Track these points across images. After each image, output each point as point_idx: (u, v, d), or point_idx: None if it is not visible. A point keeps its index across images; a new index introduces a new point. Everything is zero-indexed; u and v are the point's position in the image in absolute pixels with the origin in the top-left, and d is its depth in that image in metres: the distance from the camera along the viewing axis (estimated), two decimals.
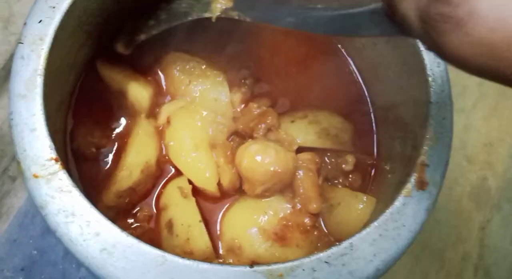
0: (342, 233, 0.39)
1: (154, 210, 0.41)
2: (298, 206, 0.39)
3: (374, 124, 0.45)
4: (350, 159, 0.41)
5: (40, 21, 0.33)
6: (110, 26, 0.41)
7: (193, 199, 0.39)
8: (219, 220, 0.41)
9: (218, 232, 0.40)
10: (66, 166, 0.30)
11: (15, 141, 0.30)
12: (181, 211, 0.39)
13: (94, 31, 0.41)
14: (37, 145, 0.30)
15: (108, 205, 0.38)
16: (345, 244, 0.30)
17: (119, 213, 0.39)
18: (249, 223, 0.39)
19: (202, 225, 0.38)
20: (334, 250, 0.30)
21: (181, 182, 0.40)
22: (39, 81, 0.31)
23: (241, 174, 0.39)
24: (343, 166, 0.42)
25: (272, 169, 0.38)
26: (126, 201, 0.39)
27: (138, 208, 0.40)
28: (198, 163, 0.40)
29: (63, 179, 0.29)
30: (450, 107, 0.35)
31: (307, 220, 0.39)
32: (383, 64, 0.42)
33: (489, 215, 0.54)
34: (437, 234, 0.52)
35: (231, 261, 0.39)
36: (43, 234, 0.46)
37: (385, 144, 0.43)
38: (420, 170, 0.33)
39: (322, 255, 0.29)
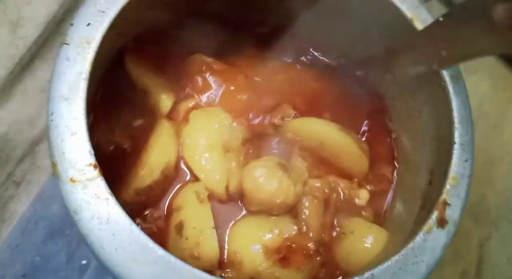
0: (349, 262, 0.40)
1: (165, 212, 0.41)
2: (304, 229, 0.40)
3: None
4: (364, 194, 0.42)
5: (89, 24, 0.33)
6: (139, 25, 0.42)
7: (209, 205, 0.39)
8: (227, 231, 0.41)
9: (225, 243, 0.41)
10: (104, 173, 0.30)
11: (52, 143, 0.30)
12: (194, 214, 0.39)
13: (125, 32, 0.41)
14: (76, 149, 0.30)
15: (126, 201, 0.38)
16: (367, 275, 0.31)
17: (132, 210, 0.39)
18: (253, 239, 0.39)
19: (214, 231, 0.38)
20: None
21: (198, 187, 0.41)
22: (83, 84, 0.31)
23: (242, 188, 0.40)
24: (356, 200, 0.43)
25: (269, 197, 0.38)
26: (143, 199, 0.39)
27: (149, 210, 0.41)
28: (210, 164, 0.41)
29: (100, 186, 0.29)
30: (472, 149, 0.37)
31: (311, 245, 0.39)
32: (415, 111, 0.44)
33: (488, 232, 0.55)
34: None
35: (229, 274, 0.39)
36: (46, 241, 0.46)
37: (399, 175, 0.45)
38: (442, 208, 0.34)
39: None
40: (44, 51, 0.52)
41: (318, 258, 0.40)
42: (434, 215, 0.34)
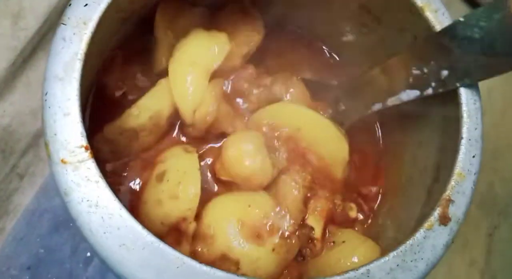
0: (335, 271, 0.38)
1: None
2: (283, 212, 0.39)
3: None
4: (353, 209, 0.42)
5: (86, 4, 0.32)
6: (145, 11, 0.41)
7: (196, 154, 0.39)
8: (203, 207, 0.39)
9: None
10: (95, 155, 0.29)
11: (45, 123, 0.30)
12: (179, 161, 0.39)
13: (128, 18, 0.40)
14: (68, 130, 0.29)
15: (106, 138, 0.38)
16: (362, 270, 0.30)
17: (114, 153, 0.39)
18: (229, 213, 0.38)
19: (199, 173, 0.37)
20: (350, 274, 0.30)
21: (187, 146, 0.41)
22: (78, 65, 0.31)
23: (221, 155, 0.39)
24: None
25: (247, 174, 0.38)
26: (125, 143, 0.39)
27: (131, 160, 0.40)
28: (190, 82, 0.39)
29: (91, 168, 0.29)
30: (481, 145, 0.35)
31: (288, 226, 0.38)
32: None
33: (497, 221, 0.54)
34: None
35: (199, 250, 0.37)
36: (50, 233, 0.46)
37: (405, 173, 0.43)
38: (445, 205, 0.33)
39: (338, 278, 0.29)
40: (45, 42, 0.52)
41: (294, 241, 0.38)
42: (436, 212, 0.32)
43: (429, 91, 0.36)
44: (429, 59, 0.36)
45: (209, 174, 0.42)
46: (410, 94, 0.37)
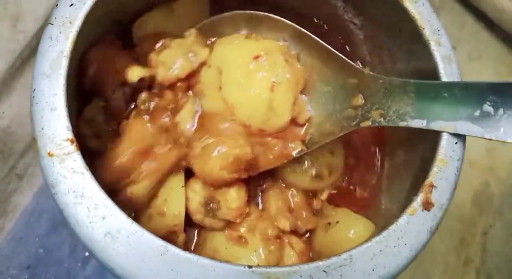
0: (334, 252, 0.39)
1: None
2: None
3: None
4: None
5: (72, 4, 0.33)
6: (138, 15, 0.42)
7: (182, 173, 0.39)
8: None
9: None
10: (81, 146, 0.30)
11: (34, 119, 0.31)
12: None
13: (122, 20, 0.41)
14: (55, 124, 0.30)
15: (86, 119, 0.38)
16: (345, 255, 0.30)
17: (97, 137, 0.39)
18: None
19: (183, 190, 0.38)
20: (333, 260, 0.30)
21: None
22: (64, 62, 0.32)
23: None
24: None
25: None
26: (103, 121, 0.39)
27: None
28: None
29: (76, 160, 0.30)
30: None
31: (270, 230, 0.39)
32: None
33: (492, 220, 0.55)
34: (440, 238, 0.53)
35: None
36: (49, 233, 0.47)
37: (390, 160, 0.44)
38: (427, 190, 0.33)
39: (321, 263, 0.30)
40: None
41: (278, 242, 0.39)
42: (419, 197, 0.33)
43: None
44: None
45: None
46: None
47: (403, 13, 0.38)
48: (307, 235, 0.42)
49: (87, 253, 0.47)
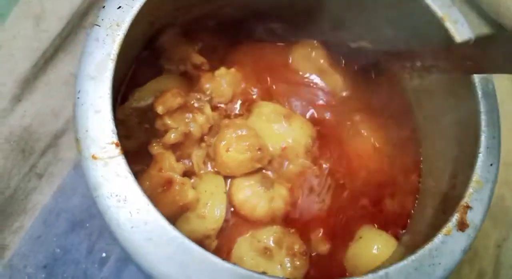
0: (356, 264, 0.40)
1: None
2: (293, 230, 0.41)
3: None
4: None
5: (119, 7, 0.33)
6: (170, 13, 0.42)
7: (222, 177, 0.41)
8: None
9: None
10: (125, 151, 0.30)
11: (77, 120, 0.31)
12: (208, 182, 0.40)
13: (155, 21, 0.42)
14: (100, 127, 0.30)
15: (118, 119, 0.38)
16: (381, 273, 0.30)
17: (127, 138, 0.40)
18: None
19: (225, 195, 0.39)
20: (369, 276, 0.30)
21: None
22: (110, 65, 0.32)
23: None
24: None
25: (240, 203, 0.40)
26: (135, 124, 0.40)
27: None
28: None
29: (121, 164, 0.30)
30: (498, 153, 0.36)
31: (297, 246, 0.39)
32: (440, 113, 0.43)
33: (506, 233, 0.55)
34: None
35: None
36: (67, 233, 0.47)
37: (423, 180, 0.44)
38: (463, 211, 0.33)
39: None
40: (67, 44, 0.52)
41: (304, 259, 0.39)
42: (455, 218, 0.33)
43: None
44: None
45: None
46: None
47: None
48: None
49: (104, 254, 0.47)
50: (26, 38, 0.51)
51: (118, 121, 0.38)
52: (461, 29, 0.38)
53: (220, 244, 0.39)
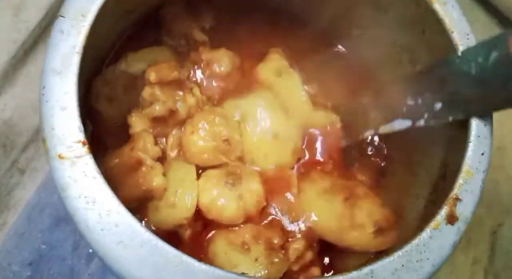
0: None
1: None
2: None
3: None
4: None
5: None
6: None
7: (193, 165, 0.38)
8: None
9: None
10: (93, 150, 0.29)
11: (43, 118, 0.29)
12: (178, 169, 0.38)
13: (134, 9, 0.40)
14: (66, 124, 0.29)
15: (106, 79, 0.38)
16: (366, 270, 0.29)
17: (110, 101, 0.39)
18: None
19: (196, 182, 0.37)
20: (354, 274, 0.29)
21: None
22: (76, 59, 0.30)
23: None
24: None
25: (206, 206, 0.37)
26: (122, 89, 0.39)
27: None
28: None
29: (88, 164, 0.28)
30: (490, 142, 0.34)
31: (276, 240, 0.37)
32: None
33: (501, 219, 0.54)
34: None
35: None
36: (52, 228, 0.46)
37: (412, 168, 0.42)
38: (452, 204, 0.32)
39: (341, 278, 0.28)
40: (47, 35, 0.51)
41: (280, 255, 0.37)
42: (444, 211, 0.31)
43: (421, 122, 0.36)
44: (425, 90, 0.35)
45: None
46: (402, 124, 0.37)
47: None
48: None
49: (91, 250, 0.45)
50: (5, 29, 0.49)
51: (105, 81, 0.37)
52: (451, 10, 0.36)
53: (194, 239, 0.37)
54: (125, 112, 0.39)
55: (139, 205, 0.36)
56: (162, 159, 0.38)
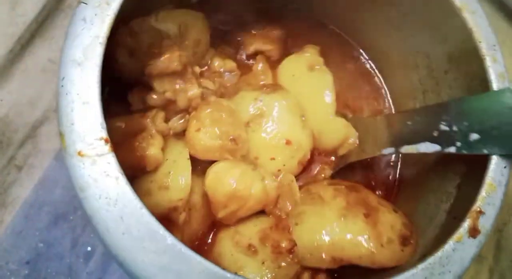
0: None
1: None
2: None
3: None
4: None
5: None
6: None
7: (186, 148, 0.37)
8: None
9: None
10: (115, 147, 0.27)
11: (61, 111, 0.27)
12: (169, 150, 0.37)
13: None
14: (87, 120, 0.27)
15: (131, 30, 0.35)
16: None
17: (131, 54, 0.37)
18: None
19: (189, 162, 0.35)
20: None
21: None
22: (99, 50, 0.28)
23: (207, 194, 0.37)
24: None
25: (232, 188, 0.35)
26: (146, 45, 0.36)
27: None
28: None
29: (111, 163, 0.26)
30: None
31: (284, 244, 0.36)
32: None
33: (507, 217, 0.54)
34: None
35: None
36: (50, 226, 0.44)
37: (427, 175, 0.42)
38: (475, 217, 0.31)
39: None
40: (44, 29, 0.50)
41: (288, 259, 0.35)
42: (466, 223, 0.31)
43: (452, 149, 0.34)
44: (463, 119, 0.34)
45: None
46: (429, 147, 0.36)
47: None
48: None
49: (89, 248, 0.44)
50: (2, 23, 0.48)
51: (130, 32, 0.35)
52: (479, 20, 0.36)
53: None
54: (141, 72, 0.36)
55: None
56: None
